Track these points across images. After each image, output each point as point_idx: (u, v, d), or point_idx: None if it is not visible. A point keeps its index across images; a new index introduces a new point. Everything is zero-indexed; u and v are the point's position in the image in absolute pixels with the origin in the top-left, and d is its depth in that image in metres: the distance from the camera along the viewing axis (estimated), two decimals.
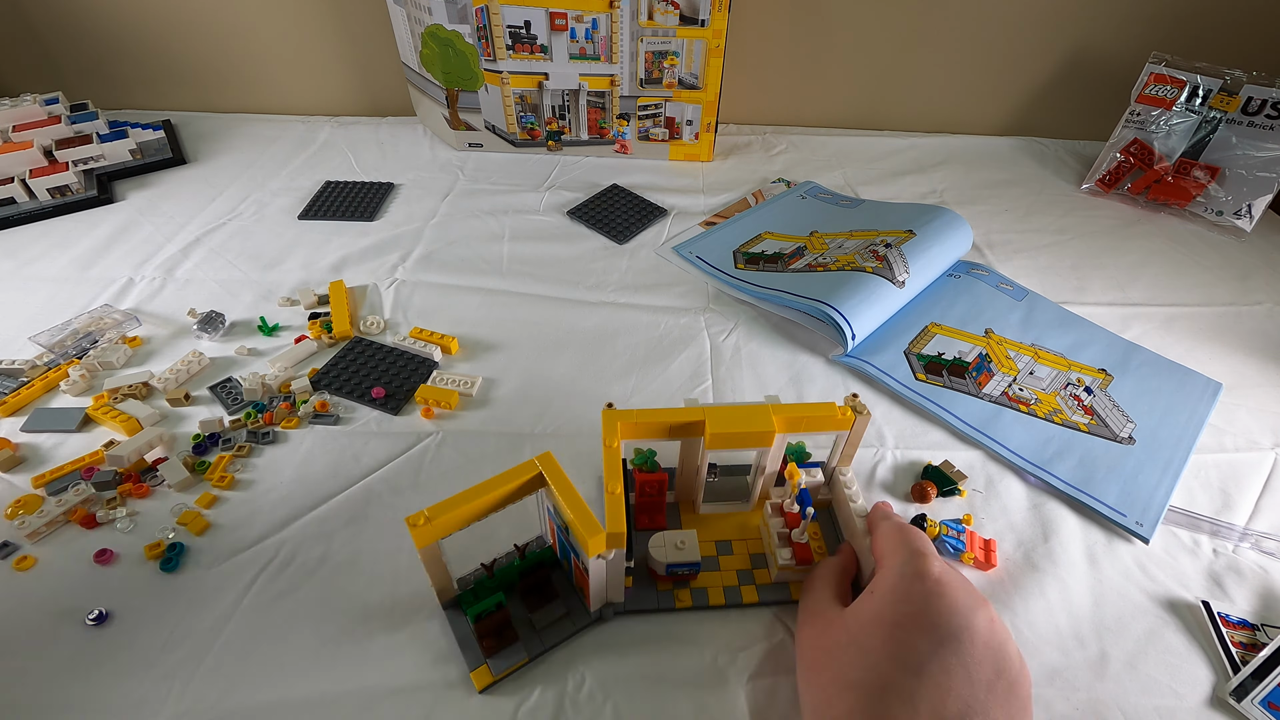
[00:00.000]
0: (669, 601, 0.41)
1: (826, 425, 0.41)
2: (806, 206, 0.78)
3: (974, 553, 0.43)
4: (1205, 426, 0.54)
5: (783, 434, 0.41)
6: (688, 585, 0.41)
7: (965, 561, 0.43)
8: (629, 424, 0.39)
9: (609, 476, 0.36)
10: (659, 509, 0.45)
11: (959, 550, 0.43)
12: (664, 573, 0.40)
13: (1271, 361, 0.61)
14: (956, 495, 0.48)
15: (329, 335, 0.58)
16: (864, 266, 0.61)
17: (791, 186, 0.82)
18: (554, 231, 0.74)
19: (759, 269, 0.66)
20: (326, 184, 0.79)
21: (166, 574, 0.42)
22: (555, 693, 0.37)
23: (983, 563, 0.43)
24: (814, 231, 0.72)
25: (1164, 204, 0.81)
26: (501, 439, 0.51)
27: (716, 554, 0.43)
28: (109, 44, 0.89)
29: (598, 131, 0.84)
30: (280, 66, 0.92)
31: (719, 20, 0.74)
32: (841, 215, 0.75)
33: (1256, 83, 0.74)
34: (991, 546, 0.44)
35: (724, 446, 0.40)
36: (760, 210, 0.77)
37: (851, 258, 0.63)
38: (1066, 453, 0.51)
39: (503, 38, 0.75)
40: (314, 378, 0.54)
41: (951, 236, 0.67)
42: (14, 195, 0.73)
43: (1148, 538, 0.46)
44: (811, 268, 0.64)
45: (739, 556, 0.43)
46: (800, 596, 0.38)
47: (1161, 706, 0.38)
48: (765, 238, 0.71)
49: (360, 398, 0.53)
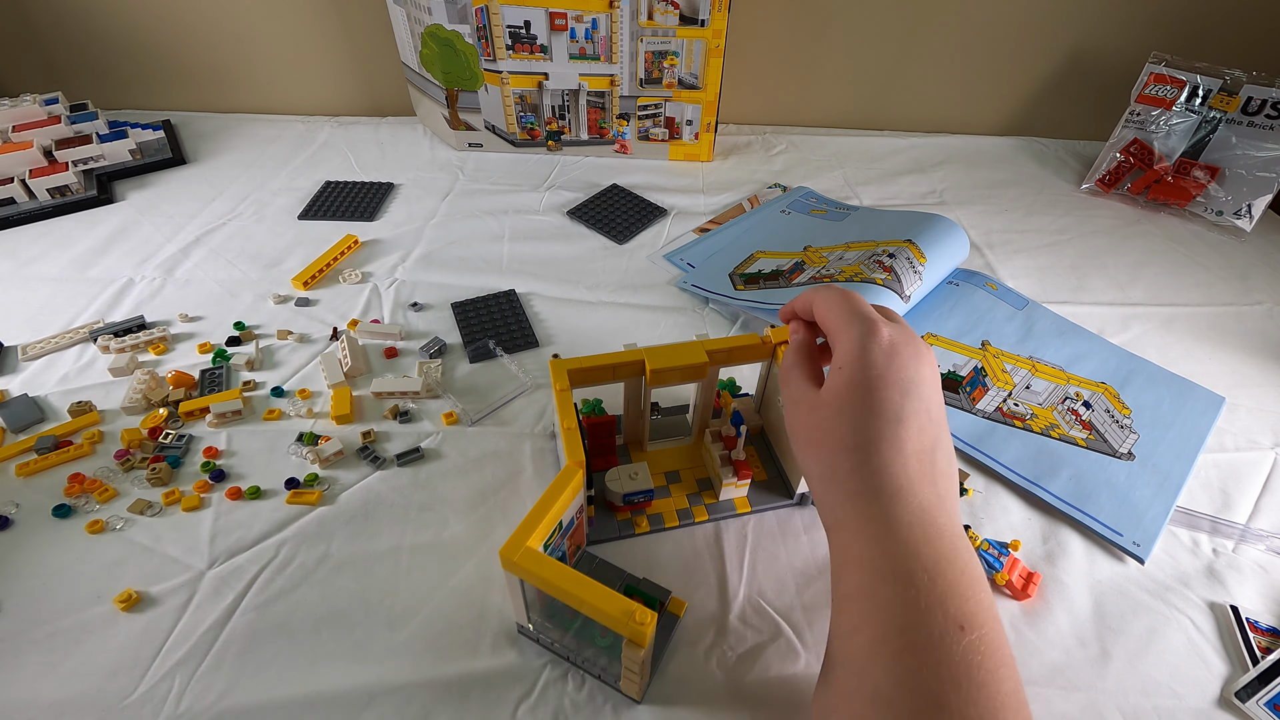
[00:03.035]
0: (629, 529, 0.45)
1: (751, 356, 0.45)
2: (798, 218, 0.76)
3: (1010, 577, 0.42)
4: (1206, 442, 0.53)
5: (715, 366, 0.44)
6: (644, 513, 0.45)
7: (998, 582, 0.42)
8: (576, 369, 0.42)
9: (562, 415, 0.40)
10: (610, 450, 0.49)
11: (994, 570, 0.42)
12: (621, 503, 0.44)
13: (1271, 361, 0.61)
14: (963, 495, 0.48)
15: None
16: (874, 278, 0.59)
17: (787, 191, 0.81)
18: (554, 231, 0.74)
19: (760, 288, 0.64)
20: (326, 184, 0.79)
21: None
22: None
23: (1018, 591, 0.42)
24: (808, 246, 0.70)
25: (1164, 204, 0.81)
26: (501, 438, 0.51)
27: (667, 484, 0.48)
28: (109, 44, 0.89)
29: (598, 131, 0.84)
30: (280, 66, 0.92)
31: (719, 20, 0.74)
32: (835, 227, 0.73)
33: (1256, 83, 0.74)
34: (1034, 580, 0.42)
35: (664, 383, 0.43)
36: (754, 216, 0.76)
37: (857, 268, 0.62)
38: (1061, 467, 0.50)
39: (502, 38, 0.75)
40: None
41: (950, 245, 0.66)
42: (14, 195, 0.73)
43: (1143, 558, 0.45)
44: (817, 280, 0.63)
45: (686, 484, 0.48)
46: (781, 389, 0.40)
47: (1161, 706, 0.38)
48: (759, 257, 0.69)
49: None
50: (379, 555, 0.43)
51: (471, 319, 0.61)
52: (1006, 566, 0.42)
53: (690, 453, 0.50)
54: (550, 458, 0.50)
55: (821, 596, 0.42)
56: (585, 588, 0.32)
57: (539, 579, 0.32)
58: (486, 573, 0.42)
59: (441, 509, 0.46)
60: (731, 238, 0.73)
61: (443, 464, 0.49)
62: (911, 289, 0.60)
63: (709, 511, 0.46)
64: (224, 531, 0.44)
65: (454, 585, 0.42)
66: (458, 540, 0.44)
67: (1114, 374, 0.58)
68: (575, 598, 0.32)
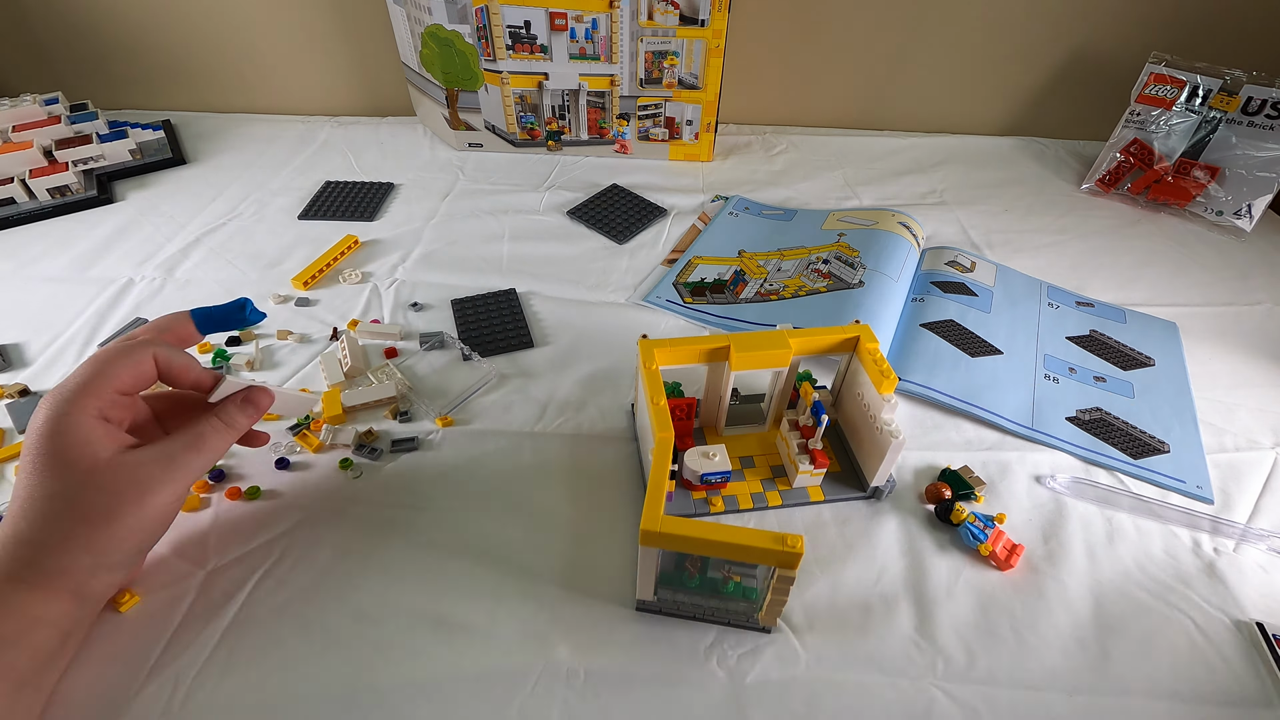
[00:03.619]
0: (704, 508, 0.46)
1: (833, 348, 0.46)
2: (737, 223, 0.75)
3: (994, 548, 0.43)
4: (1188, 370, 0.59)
5: (797, 355, 0.45)
6: (719, 494, 0.47)
7: (982, 552, 0.44)
8: (663, 350, 0.44)
9: (653, 392, 0.41)
10: (688, 431, 0.50)
11: (978, 540, 0.44)
12: (698, 482, 0.46)
13: (1271, 361, 0.61)
14: (973, 500, 0.47)
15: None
16: (817, 288, 0.63)
17: (728, 200, 0.80)
18: (554, 231, 0.74)
19: (707, 300, 0.64)
20: (326, 184, 0.79)
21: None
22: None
23: (1001, 561, 0.43)
24: (741, 251, 0.70)
25: (1164, 204, 0.81)
26: (501, 438, 0.51)
27: (741, 468, 0.49)
28: (109, 44, 0.89)
29: (598, 131, 0.84)
30: (280, 66, 0.92)
31: (719, 20, 0.74)
32: (770, 230, 0.74)
33: (1256, 83, 0.74)
34: (1018, 551, 0.44)
35: (747, 367, 0.45)
36: (709, 231, 0.74)
37: (799, 280, 0.65)
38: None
39: (503, 38, 0.75)
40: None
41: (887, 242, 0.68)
42: (14, 195, 0.73)
43: (1211, 499, 0.49)
44: (764, 295, 0.64)
45: (760, 469, 0.49)
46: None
47: (1161, 707, 0.38)
48: (696, 264, 0.69)
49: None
50: (379, 555, 0.43)
51: (470, 317, 0.61)
52: (991, 538, 0.44)
53: (763, 441, 0.51)
54: (551, 454, 0.50)
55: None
56: (731, 533, 0.34)
57: (685, 541, 0.34)
58: (510, 570, 0.42)
59: (445, 505, 0.46)
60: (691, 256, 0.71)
61: (442, 464, 0.49)
62: (859, 276, 0.63)
63: (783, 498, 0.47)
64: (224, 531, 0.44)
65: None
66: (484, 536, 0.44)
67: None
68: (726, 545, 0.34)
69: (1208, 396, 0.57)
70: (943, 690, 0.38)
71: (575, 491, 0.47)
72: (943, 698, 0.38)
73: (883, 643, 0.40)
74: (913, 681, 0.38)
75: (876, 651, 0.39)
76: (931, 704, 0.37)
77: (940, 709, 0.37)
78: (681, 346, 0.45)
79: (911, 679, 0.38)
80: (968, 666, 0.39)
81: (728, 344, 0.44)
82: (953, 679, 0.38)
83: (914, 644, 0.40)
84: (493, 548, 0.44)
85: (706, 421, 0.51)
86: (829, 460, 0.47)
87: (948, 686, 0.38)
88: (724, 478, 0.46)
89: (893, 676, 0.38)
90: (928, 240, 0.74)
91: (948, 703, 0.37)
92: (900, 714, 0.37)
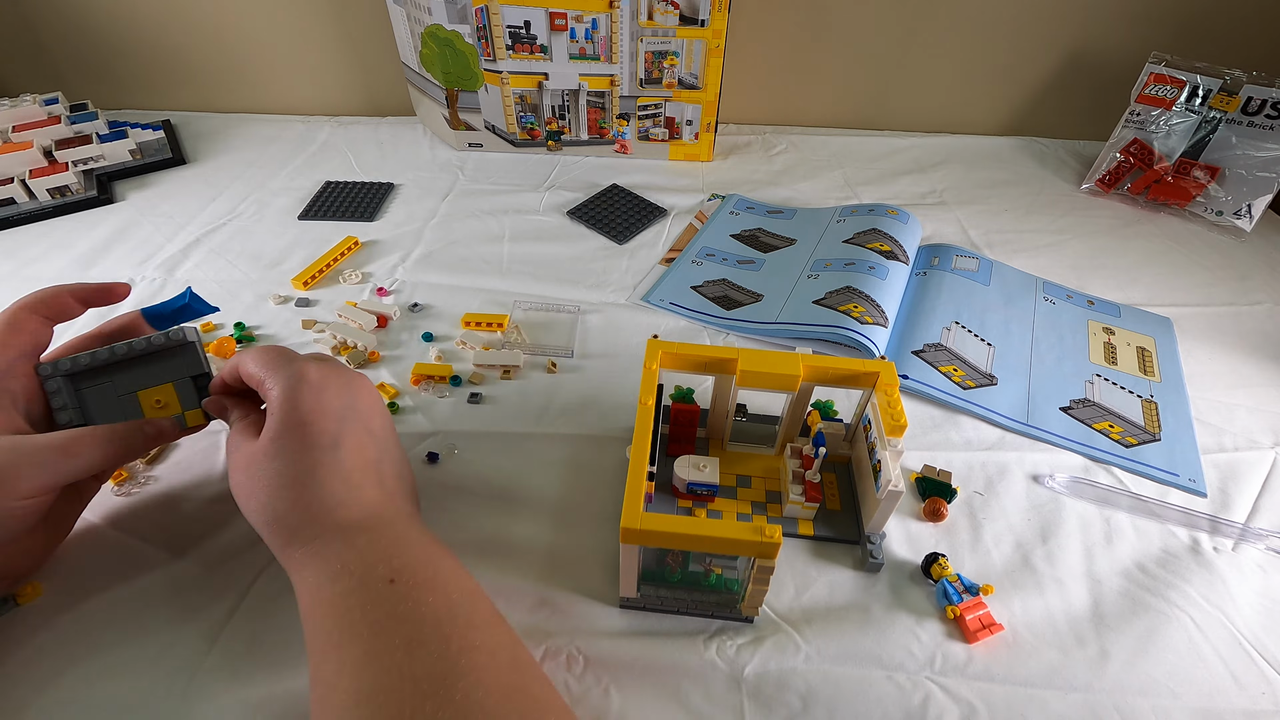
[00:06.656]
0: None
1: (848, 382, 0.44)
2: (737, 222, 0.76)
3: (961, 613, 0.40)
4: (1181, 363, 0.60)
5: (808, 382, 0.44)
6: (705, 506, 0.46)
7: (948, 614, 0.40)
8: (668, 354, 0.44)
9: (645, 393, 0.41)
10: (690, 439, 0.49)
11: (948, 601, 0.40)
12: (685, 490, 0.45)
13: (1271, 361, 0.61)
14: (953, 496, 0.47)
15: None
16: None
17: (725, 199, 0.79)
18: (554, 231, 0.74)
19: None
20: (326, 184, 0.79)
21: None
22: None
23: (969, 632, 0.40)
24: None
25: (1164, 204, 0.81)
26: (501, 439, 0.51)
27: (735, 485, 0.48)
28: (109, 44, 0.89)
29: (598, 131, 0.84)
30: (280, 66, 0.92)
31: (719, 20, 0.74)
32: (771, 229, 0.74)
33: (1256, 83, 0.74)
34: (992, 630, 0.40)
35: (752, 385, 0.43)
36: (707, 229, 0.74)
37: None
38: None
39: (502, 38, 0.75)
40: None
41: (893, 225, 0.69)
42: (14, 196, 0.73)
43: (1204, 492, 0.50)
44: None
45: (755, 491, 0.47)
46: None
47: (1160, 706, 0.38)
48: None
49: None
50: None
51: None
52: (965, 605, 0.40)
53: (768, 464, 0.49)
54: (550, 455, 0.50)
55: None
56: (708, 526, 0.34)
57: (664, 537, 0.34)
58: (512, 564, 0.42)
59: (446, 505, 0.46)
60: (691, 257, 0.70)
61: (441, 463, 0.49)
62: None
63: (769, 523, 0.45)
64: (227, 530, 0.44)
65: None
66: (483, 536, 0.44)
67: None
68: (704, 539, 0.34)
69: (1207, 396, 0.57)
70: (940, 685, 0.38)
71: (574, 492, 0.47)
72: (939, 693, 0.38)
73: (881, 637, 0.40)
74: (910, 676, 0.38)
75: (875, 645, 0.40)
76: (928, 699, 0.37)
77: (937, 704, 0.37)
78: (688, 353, 0.43)
79: (909, 674, 0.38)
80: (965, 662, 0.39)
81: (735, 357, 0.43)
82: (950, 674, 0.38)
83: (912, 638, 0.40)
84: (488, 547, 0.44)
85: (713, 434, 0.50)
86: (821, 496, 0.44)
87: (945, 682, 0.38)
88: (710, 490, 0.45)
89: (890, 670, 0.39)
90: (928, 240, 0.74)
91: (944, 698, 0.37)
92: (897, 708, 0.37)
